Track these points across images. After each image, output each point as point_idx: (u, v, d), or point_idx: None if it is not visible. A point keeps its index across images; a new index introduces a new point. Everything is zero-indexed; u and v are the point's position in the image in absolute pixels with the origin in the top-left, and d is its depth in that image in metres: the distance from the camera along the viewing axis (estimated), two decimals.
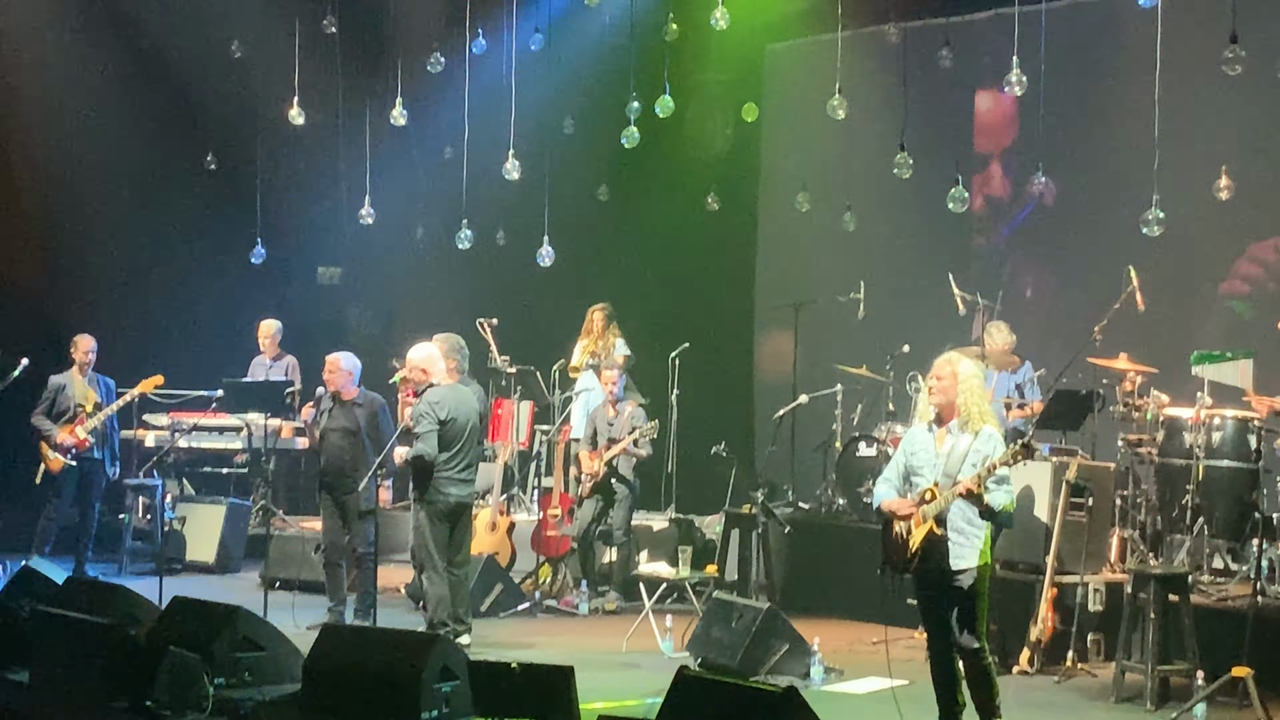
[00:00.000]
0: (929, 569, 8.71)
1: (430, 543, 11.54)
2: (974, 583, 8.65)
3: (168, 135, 17.82)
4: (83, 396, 14.46)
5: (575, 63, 16.29)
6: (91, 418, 14.40)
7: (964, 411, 8.67)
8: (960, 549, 8.63)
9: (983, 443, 8.59)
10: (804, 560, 13.97)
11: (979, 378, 8.85)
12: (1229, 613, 10.87)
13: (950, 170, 12.85)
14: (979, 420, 8.66)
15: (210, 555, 15.21)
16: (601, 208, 17.51)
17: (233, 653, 9.96)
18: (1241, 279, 14.61)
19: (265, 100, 16.81)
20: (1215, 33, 11.33)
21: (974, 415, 8.66)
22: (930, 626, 8.95)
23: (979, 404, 8.70)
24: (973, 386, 8.73)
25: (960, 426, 8.68)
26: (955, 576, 8.65)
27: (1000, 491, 8.52)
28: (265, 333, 16.38)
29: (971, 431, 8.63)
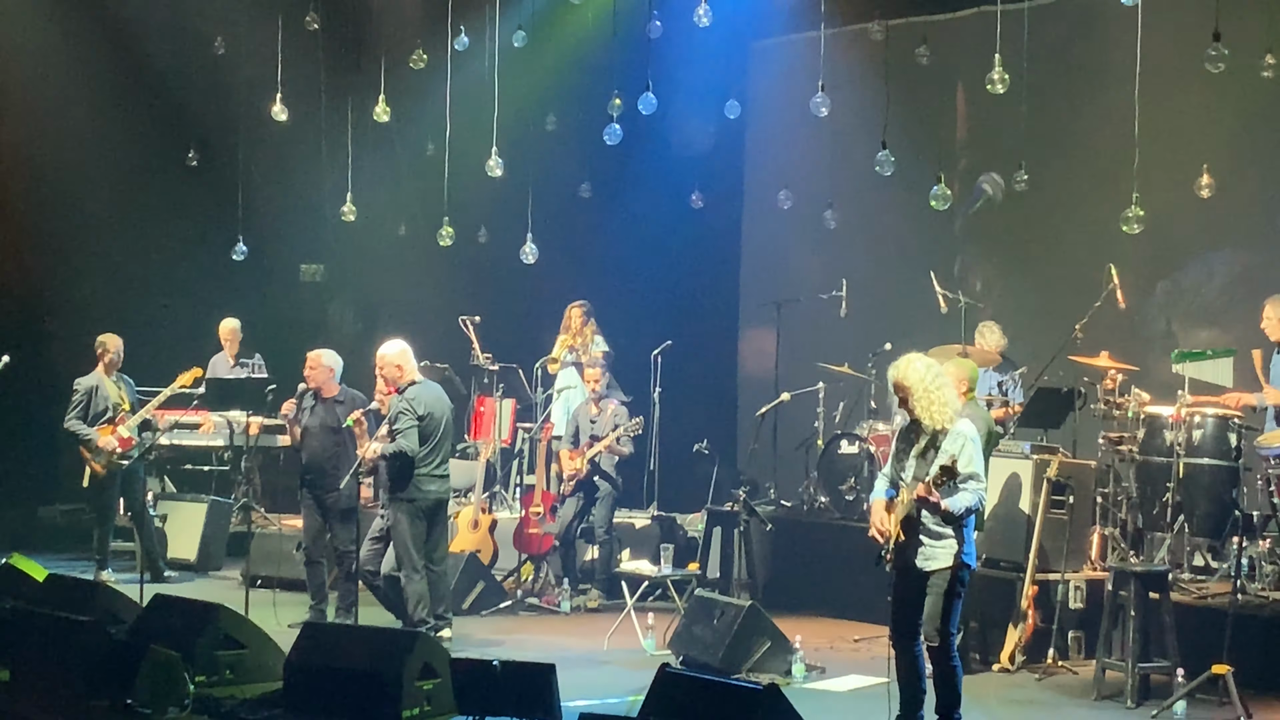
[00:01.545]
0: (902, 568, 8.75)
1: (410, 541, 11.55)
2: (944, 583, 8.66)
3: (150, 131, 17.78)
4: (116, 396, 14.31)
5: (558, 59, 16.29)
6: (134, 415, 14.28)
7: (925, 416, 8.68)
8: (932, 549, 8.66)
9: (950, 442, 8.58)
10: (786, 558, 13.98)
11: (934, 376, 8.76)
12: (1209, 610, 10.89)
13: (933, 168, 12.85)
14: (942, 420, 8.66)
15: (192, 553, 15.19)
16: (584, 205, 17.50)
17: (214, 651, 9.97)
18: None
19: (247, 96, 16.78)
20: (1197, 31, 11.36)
21: (936, 416, 8.66)
22: (897, 621, 8.94)
23: (939, 404, 8.67)
24: (927, 389, 8.69)
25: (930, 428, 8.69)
26: (926, 577, 8.68)
27: (964, 493, 8.53)
28: (227, 332, 16.33)
29: (940, 431, 8.64)
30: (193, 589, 13.22)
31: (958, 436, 8.59)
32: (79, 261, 17.85)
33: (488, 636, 12.28)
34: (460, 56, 14.93)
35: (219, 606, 10.18)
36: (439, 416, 11.70)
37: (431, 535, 11.76)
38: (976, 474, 8.57)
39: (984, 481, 8.68)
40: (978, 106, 15.08)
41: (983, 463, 8.77)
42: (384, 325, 16.20)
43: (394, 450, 11.47)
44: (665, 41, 14.59)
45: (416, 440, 11.48)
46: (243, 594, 12.21)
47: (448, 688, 9.01)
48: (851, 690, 10.59)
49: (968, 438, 8.63)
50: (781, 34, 16.94)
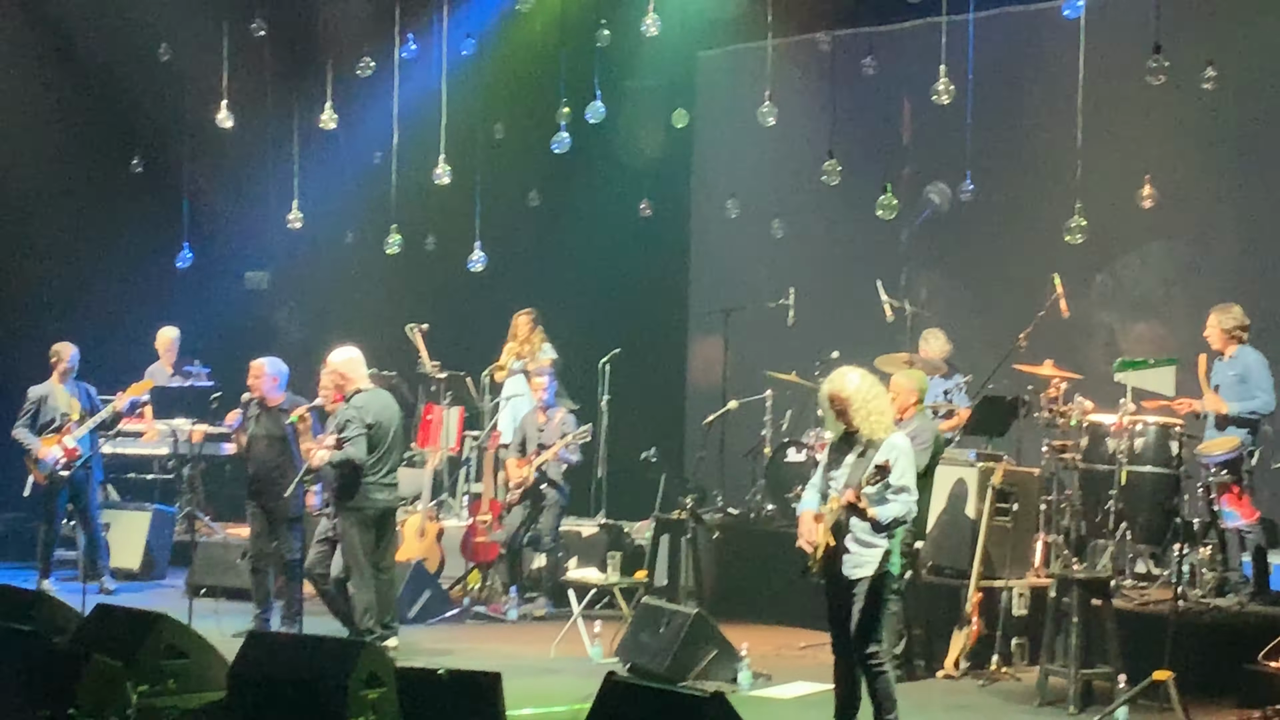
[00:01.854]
0: (832, 576, 8.83)
1: (358, 549, 11.51)
2: (871, 591, 8.72)
3: (94, 138, 17.68)
4: (67, 405, 14.16)
5: (506, 68, 16.30)
6: (80, 426, 14.17)
7: (865, 427, 8.74)
8: (860, 558, 8.72)
9: (883, 453, 8.63)
10: (733, 566, 14.00)
11: (870, 387, 8.82)
12: (1151, 617, 10.98)
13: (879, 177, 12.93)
14: (880, 430, 8.72)
15: (135, 562, 15.09)
16: (532, 213, 17.51)
17: (157, 660, 9.87)
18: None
19: (193, 103, 16.70)
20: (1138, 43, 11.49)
21: (874, 427, 8.72)
22: (832, 630, 9.01)
23: (877, 415, 8.74)
24: (866, 401, 8.75)
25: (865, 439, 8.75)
26: (854, 585, 8.74)
27: (894, 504, 8.59)
28: (165, 342, 16.24)
29: (874, 442, 8.70)
30: (136, 598, 13.14)
31: (891, 448, 8.66)
32: (23, 269, 17.71)
33: (434, 645, 12.24)
34: (408, 64, 14.91)
35: (162, 616, 10.09)
36: (387, 425, 11.66)
37: (380, 544, 11.73)
38: (908, 486, 8.64)
39: (914, 494, 8.74)
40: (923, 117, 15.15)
41: (914, 476, 8.82)
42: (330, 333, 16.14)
43: (341, 459, 11.43)
44: (613, 51, 14.63)
45: (364, 448, 11.44)
46: (186, 603, 12.12)
47: (393, 697, 8.96)
48: (797, 698, 10.62)
49: (901, 450, 8.70)
50: (729, 44, 16.99)
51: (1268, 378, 11.63)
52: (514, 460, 13.96)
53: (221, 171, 18.12)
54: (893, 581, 8.88)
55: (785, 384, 14.98)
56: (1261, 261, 14.14)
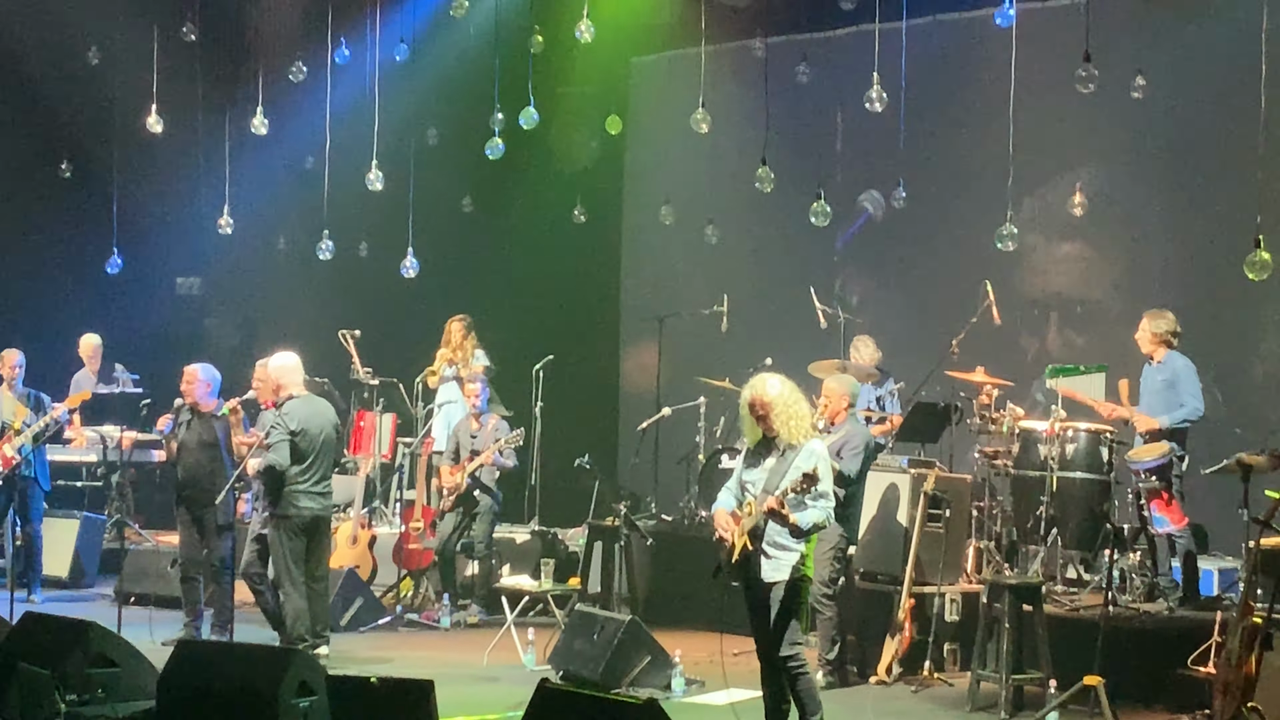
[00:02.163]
0: (748, 581, 8.88)
1: (287, 557, 11.44)
2: (786, 595, 8.76)
3: (21, 142, 17.54)
4: (11, 413, 13.93)
5: (439, 73, 16.24)
6: (20, 435, 13.97)
7: (785, 431, 8.78)
8: (776, 562, 8.76)
9: (804, 459, 8.68)
10: (667, 572, 13.99)
11: (790, 392, 8.86)
12: (1081, 622, 11.06)
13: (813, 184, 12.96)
14: (800, 435, 8.77)
15: (64, 570, 14.93)
16: (466, 219, 17.47)
17: (85, 669, 9.78)
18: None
19: (123, 108, 16.60)
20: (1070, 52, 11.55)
21: (794, 432, 8.76)
22: (755, 636, 9.06)
23: (798, 419, 8.78)
24: (787, 405, 8.79)
25: (785, 443, 8.79)
26: (769, 589, 8.79)
27: (814, 510, 8.63)
28: (89, 349, 16.09)
29: (794, 447, 8.73)
30: (64, 606, 12.99)
31: (811, 454, 8.71)
32: None
33: (366, 653, 12.18)
34: (340, 69, 14.85)
35: (91, 624, 10.00)
36: (315, 433, 11.58)
37: (313, 552, 11.67)
38: (827, 493, 8.71)
39: (832, 500, 8.80)
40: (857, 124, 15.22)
41: (831, 479, 8.88)
42: (262, 339, 16.08)
43: (264, 465, 11.38)
44: (547, 56, 14.62)
45: (287, 455, 11.37)
46: (115, 611, 12.03)
47: (325, 706, 8.92)
48: (731, 704, 10.60)
49: (820, 456, 8.76)
50: (663, 50, 17.01)
51: (1196, 383, 11.73)
52: (447, 467, 13.92)
53: (152, 177, 17.99)
54: (809, 585, 8.96)
55: (719, 390, 14.99)
56: (1191, 268, 14.27)
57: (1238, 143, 12.84)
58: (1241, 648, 8.92)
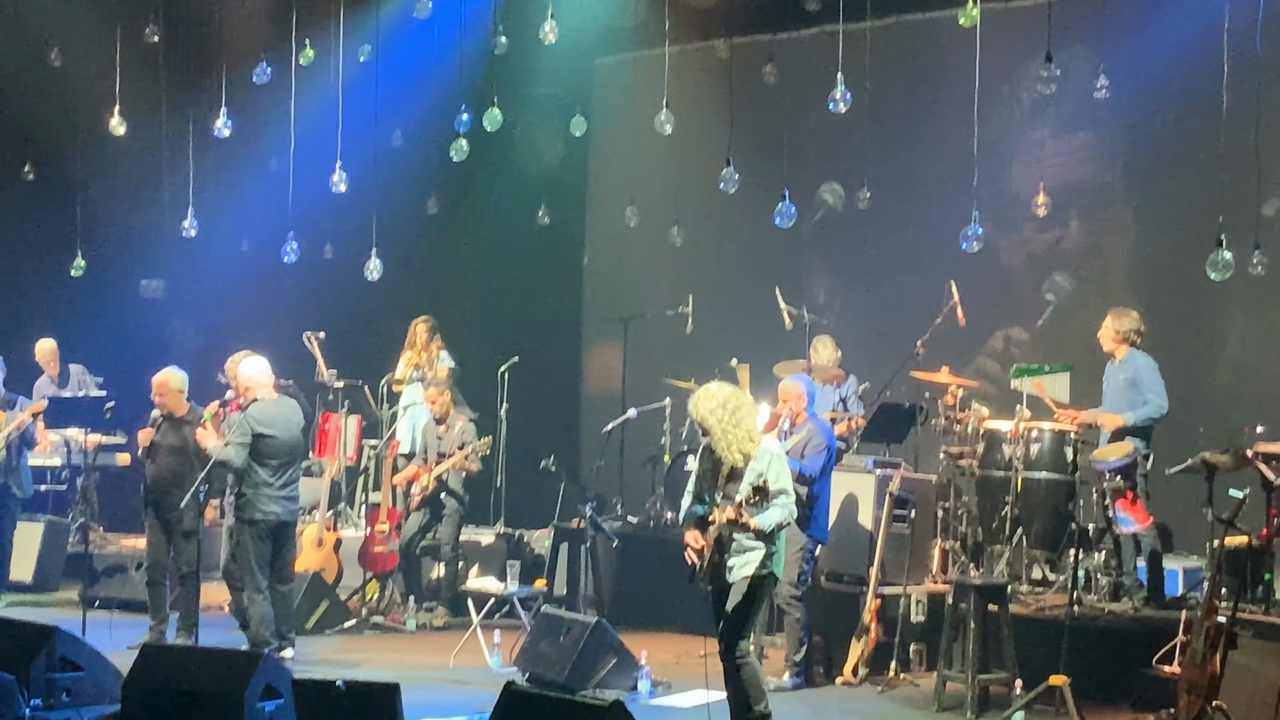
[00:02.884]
0: (718, 586, 8.97)
1: (252, 560, 11.41)
2: (749, 591, 8.84)
3: None
4: None
5: (404, 75, 16.18)
6: None
7: (726, 453, 8.82)
8: (741, 561, 8.83)
9: (758, 461, 8.76)
10: (632, 574, 14.00)
11: (730, 412, 8.87)
12: (1046, 622, 11.09)
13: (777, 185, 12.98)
14: (745, 451, 8.80)
15: (28, 574, 14.85)
16: (430, 221, 17.44)
17: (49, 673, 9.76)
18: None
19: (85, 109, 16.49)
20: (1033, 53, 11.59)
21: (736, 452, 8.80)
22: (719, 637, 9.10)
23: (738, 440, 8.82)
24: (724, 428, 8.84)
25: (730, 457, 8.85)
26: (730, 585, 8.87)
27: (775, 509, 8.68)
28: (45, 355, 16.01)
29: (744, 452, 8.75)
30: (28, 610, 12.94)
31: (764, 454, 8.79)
32: None
33: (332, 656, 12.16)
34: (305, 71, 14.79)
35: (55, 628, 9.97)
36: (282, 436, 11.54)
37: (279, 556, 11.64)
38: (785, 489, 8.77)
39: (792, 495, 8.85)
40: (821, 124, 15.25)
41: (789, 477, 8.92)
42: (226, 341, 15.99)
43: (219, 458, 11.32)
44: (511, 58, 14.60)
45: (242, 455, 11.32)
46: (80, 615, 11.99)
47: (290, 709, 8.91)
48: (696, 705, 10.62)
49: (773, 454, 8.82)
50: (627, 51, 17.02)
51: (1158, 381, 11.79)
52: (415, 467, 13.92)
53: (115, 178, 17.90)
54: (772, 583, 9.02)
55: (684, 392, 14.95)
56: (1153, 267, 14.34)
57: (1200, 142, 12.91)
58: (1206, 647, 8.97)
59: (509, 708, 8.15)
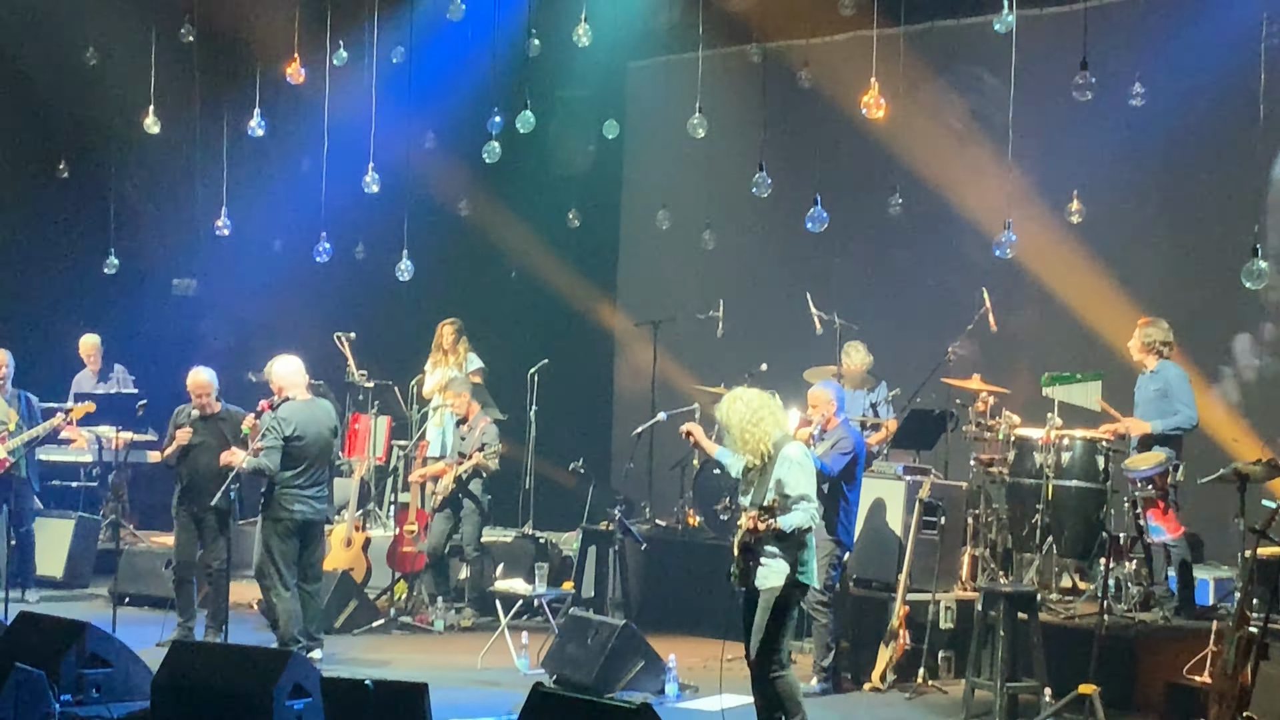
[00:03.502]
0: (748, 590, 8.98)
1: (277, 558, 11.44)
2: (773, 601, 8.81)
3: (19, 142, 17.52)
4: (4, 414, 13.97)
5: (437, 76, 16.22)
6: (14, 437, 13.91)
7: (745, 452, 8.83)
8: (767, 569, 8.84)
9: (779, 467, 8.76)
10: (660, 577, 14.00)
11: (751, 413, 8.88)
12: (1076, 631, 11.05)
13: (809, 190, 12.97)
14: (760, 451, 8.81)
15: (59, 570, 14.91)
16: (462, 223, 17.45)
17: (80, 669, 9.79)
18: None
19: (120, 108, 16.57)
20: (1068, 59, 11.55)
21: (750, 445, 8.83)
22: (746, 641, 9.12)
23: (754, 441, 8.84)
24: (743, 429, 8.87)
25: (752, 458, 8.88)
26: (760, 595, 8.87)
27: (796, 513, 8.66)
28: (89, 349, 16.07)
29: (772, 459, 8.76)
30: (59, 606, 12.98)
31: (784, 461, 8.79)
32: None
33: (360, 656, 12.18)
34: (338, 72, 14.83)
35: (86, 624, 10.00)
36: (312, 437, 11.56)
37: (306, 554, 11.68)
38: (807, 494, 8.76)
39: (815, 501, 8.84)
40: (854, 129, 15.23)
41: (812, 482, 8.89)
42: (258, 340, 16.06)
43: (253, 467, 11.39)
44: (544, 61, 14.62)
45: (277, 460, 11.37)
46: (110, 611, 12.04)
47: (319, 708, 8.92)
48: (724, 709, 10.60)
49: (794, 461, 8.80)
50: (660, 55, 17.02)
51: (1189, 392, 11.74)
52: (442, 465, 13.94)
53: (149, 178, 17.99)
54: (802, 593, 9.01)
55: (714, 396, 14.96)
56: (1187, 276, 14.28)
57: (1235, 150, 12.85)
58: (1237, 657, 8.92)
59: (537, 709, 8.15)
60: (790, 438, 8.99)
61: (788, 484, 8.69)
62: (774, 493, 8.69)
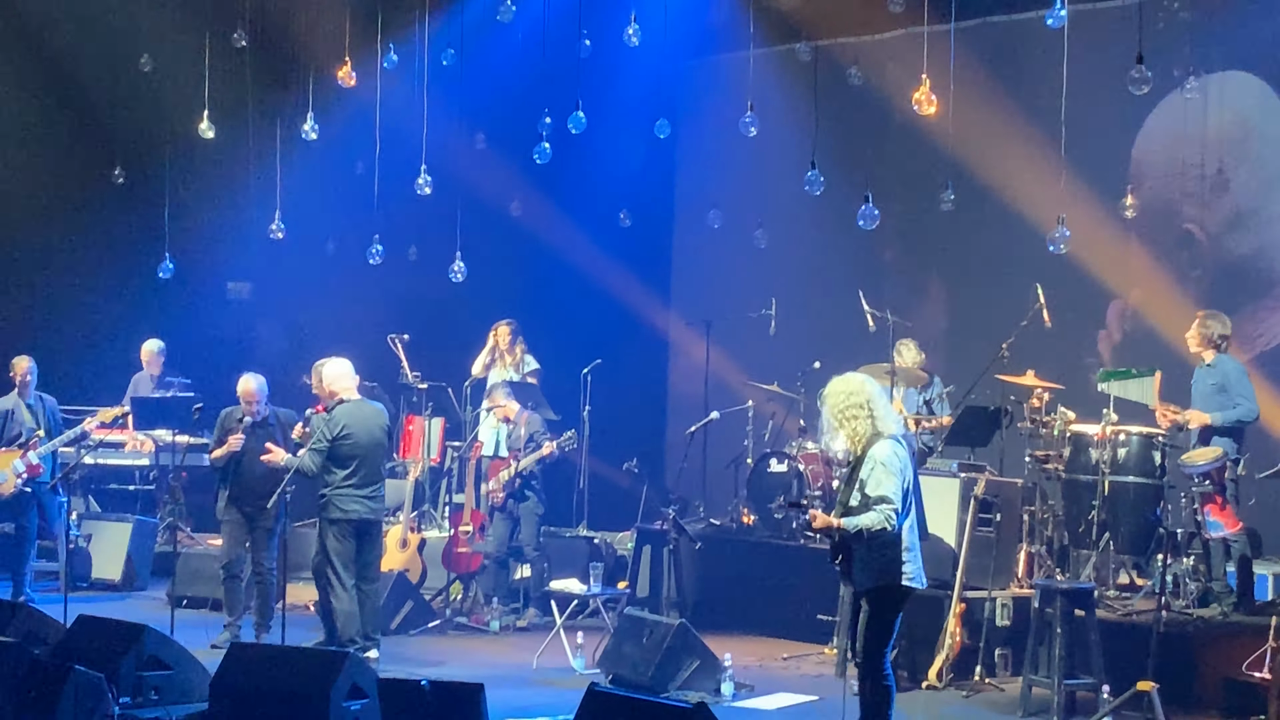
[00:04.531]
0: (845, 578, 8.93)
1: (335, 560, 11.49)
2: (870, 603, 8.71)
3: (75, 148, 17.68)
4: (32, 420, 14.07)
5: (487, 78, 16.27)
6: (45, 443, 14.03)
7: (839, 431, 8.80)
8: (861, 568, 8.68)
9: (864, 466, 8.65)
10: (715, 576, 13.99)
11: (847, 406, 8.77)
12: (1134, 627, 10.99)
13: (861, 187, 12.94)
14: (850, 437, 8.77)
15: (116, 573, 15.04)
16: (514, 223, 17.49)
17: (138, 672, 9.85)
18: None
19: (174, 113, 16.69)
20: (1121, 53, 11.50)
21: (846, 433, 8.78)
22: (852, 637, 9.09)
23: (848, 429, 8.76)
24: (836, 405, 8.78)
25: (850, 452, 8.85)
26: (859, 595, 8.80)
27: (868, 514, 8.54)
28: (149, 354, 16.17)
29: (863, 456, 8.72)
30: (117, 609, 13.08)
31: (869, 460, 8.67)
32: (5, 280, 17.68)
33: (416, 656, 12.21)
34: (389, 75, 14.90)
35: (144, 627, 10.07)
36: (360, 437, 11.58)
37: (363, 554, 11.71)
38: (885, 495, 8.54)
39: (893, 502, 8.54)
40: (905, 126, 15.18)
41: (894, 483, 8.59)
42: (312, 343, 16.12)
43: (294, 466, 11.49)
44: (595, 61, 14.63)
45: (318, 461, 11.43)
46: (168, 614, 12.12)
47: (375, 709, 8.95)
48: (780, 708, 10.61)
49: (877, 461, 8.63)
50: (711, 54, 17.01)
51: (1248, 385, 11.66)
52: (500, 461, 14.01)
53: (203, 182, 18.09)
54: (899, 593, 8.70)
55: (767, 394, 14.98)
56: (1243, 268, 14.18)
57: None
58: None
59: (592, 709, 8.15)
60: (882, 435, 8.76)
61: (868, 484, 8.56)
62: (859, 492, 8.60)
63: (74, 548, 14.75)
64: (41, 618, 10.98)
